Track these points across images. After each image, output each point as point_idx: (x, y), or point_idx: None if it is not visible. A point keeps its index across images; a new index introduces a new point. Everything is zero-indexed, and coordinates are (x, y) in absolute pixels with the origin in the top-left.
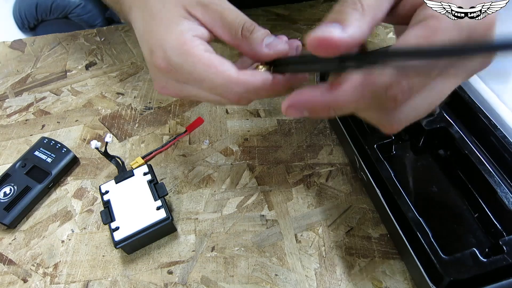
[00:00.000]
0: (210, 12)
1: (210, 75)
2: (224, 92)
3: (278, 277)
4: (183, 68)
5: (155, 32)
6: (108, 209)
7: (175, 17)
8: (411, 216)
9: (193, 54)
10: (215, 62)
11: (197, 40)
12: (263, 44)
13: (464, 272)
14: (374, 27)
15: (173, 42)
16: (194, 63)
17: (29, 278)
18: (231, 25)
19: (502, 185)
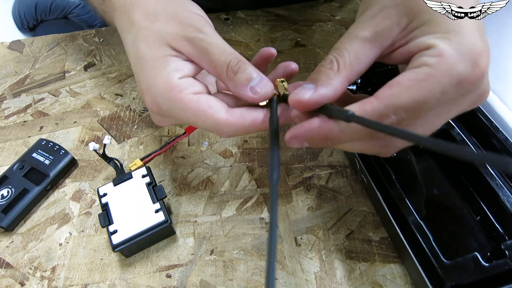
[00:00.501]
0: (195, 48)
1: (200, 119)
2: (215, 131)
3: (278, 281)
4: (173, 113)
5: (143, 76)
6: (106, 211)
7: (160, 58)
8: (412, 219)
9: (180, 100)
10: (204, 107)
11: (185, 82)
12: (247, 87)
13: (465, 277)
14: (353, 79)
15: (160, 88)
16: (182, 109)
17: (27, 281)
18: (216, 63)
19: (504, 188)
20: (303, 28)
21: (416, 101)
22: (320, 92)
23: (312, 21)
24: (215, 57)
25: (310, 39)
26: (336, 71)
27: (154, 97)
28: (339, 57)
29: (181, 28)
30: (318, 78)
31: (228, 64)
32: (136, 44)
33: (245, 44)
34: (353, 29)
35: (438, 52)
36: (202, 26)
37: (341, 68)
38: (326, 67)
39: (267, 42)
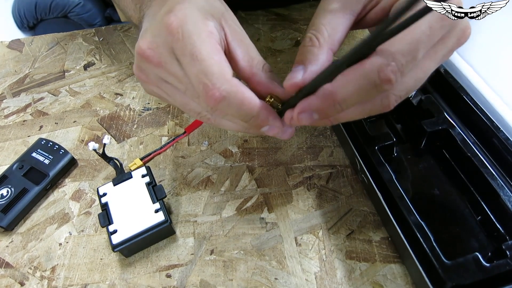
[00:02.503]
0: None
1: (211, 60)
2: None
3: (278, 281)
4: (190, 38)
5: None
6: (106, 211)
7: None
8: (413, 219)
9: (207, 35)
10: (221, 57)
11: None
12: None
13: (466, 277)
14: (336, 49)
15: (196, 16)
16: (203, 41)
17: (26, 281)
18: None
19: (505, 188)
20: (303, 27)
21: (409, 42)
22: (310, 70)
23: None
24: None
25: None
26: (318, 47)
27: (185, 15)
28: (317, 33)
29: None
30: (304, 58)
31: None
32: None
33: None
34: (323, 3)
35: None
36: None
37: (321, 42)
38: (308, 45)
39: (267, 41)
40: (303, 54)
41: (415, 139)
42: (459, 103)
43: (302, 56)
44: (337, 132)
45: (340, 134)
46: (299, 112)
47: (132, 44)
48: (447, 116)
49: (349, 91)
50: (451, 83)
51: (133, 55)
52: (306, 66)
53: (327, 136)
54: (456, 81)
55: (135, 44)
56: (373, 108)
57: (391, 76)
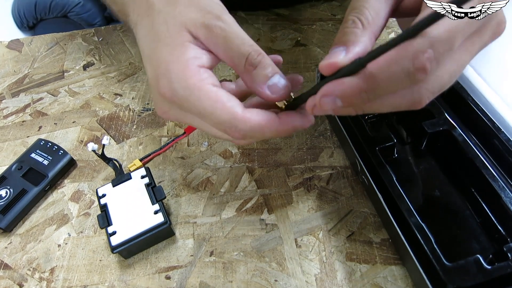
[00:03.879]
0: (213, 36)
1: (216, 111)
2: (229, 129)
3: (278, 282)
4: (188, 101)
5: (160, 59)
6: (105, 213)
7: (180, 43)
8: (414, 221)
9: (199, 88)
10: (223, 98)
11: (204, 72)
12: (265, 85)
13: (467, 280)
14: (377, 36)
15: (179, 73)
16: (200, 97)
17: (25, 283)
18: (234, 54)
19: (506, 189)
20: (304, 27)
21: (447, 30)
22: (354, 51)
23: (313, 20)
24: (234, 47)
25: (311, 39)
26: (362, 29)
27: (170, 82)
28: (360, 16)
29: (201, 15)
30: (346, 39)
31: (247, 56)
32: (155, 28)
33: None
34: None
35: None
36: (221, 13)
37: (365, 25)
38: (351, 27)
39: (268, 41)
40: (345, 35)
41: (416, 140)
42: (460, 104)
43: (344, 37)
44: (337, 133)
45: (340, 135)
46: (323, 96)
47: (131, 44)
48: (448, 117)
49: (378, 79)
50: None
51: (133, 55)
52: (349, 47)
53: (327, 137)
54: (457, 81)
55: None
56: (403, 102)
57: (427, 64)
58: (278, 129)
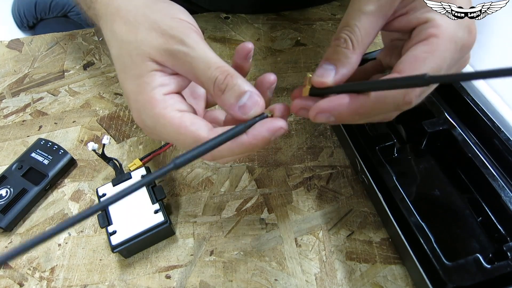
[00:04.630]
0: (178, 63)
1: (181, 136)
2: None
3: (278, 282)
4: (156, 129)
5: (129, 91)
6: (105, 212)
7: (145, 74)
8: (413, 220)
9: (163, 116)
10: (185, 123)
11: (170, 99)
12: (236, 106)
13: (467, 279)
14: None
15: (145, 104)
16: (165, 125)
17: (25, 282)
18: (202, 79)
19: (506, 189)
20: (304, 27)
21: (434, 69)
22: (341, 73)
23: (313, 20)
24: (200, 73)
25: (311, 38)
26: (352, 50)
27: (139, 113)
28: (351, 35)
29: (163, 41)
30: (336, 59)
31: (214, 81)
32: (120, 59)
33: None
34: (357, 3)
35: (438, 24)
36: (185, 36)
37: (355, 46)
38: (342, 47)
39: (267, 41)
40: (335, 54)
41: (416, 139)
42: (460, 104)
43: (334, 56)
44: (337, 132)
45: (340, 134)
46: (318, 112)
47: None
48: (447, 117)
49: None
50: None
51: None
52: (338, 68)
53: (327, 137)
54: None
55: None
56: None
57: (413, 100)
58: (247, 146)
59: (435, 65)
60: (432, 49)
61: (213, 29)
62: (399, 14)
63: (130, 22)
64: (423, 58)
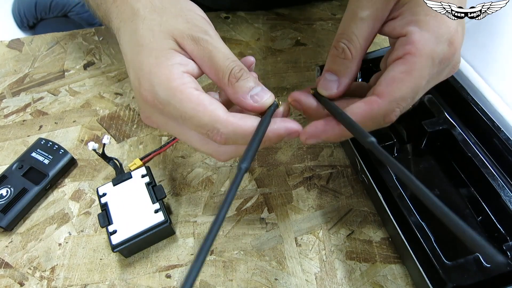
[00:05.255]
0: (199, 49)
1: (198, 113)
2: (210, 132)
3: (278, 281)
4: (170, 104)
5: (143, 63)
6: (105, 211)
7: (165, 50)
8: (413, 219)
9: (181, 91)
10: (205, 101)
11: (187, 77)
12: (248, 94)
13: (467, 278)
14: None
15: (161, 77)
16: (181, 100)
17: (26, 281)
18: (218, 68)
19: (505, 188)
20: (304, 26)
21: (413, 89)
22: (344, 83)
23: (313, 19)
24: (219, 62)
25: (311, 38)
26: (350, 59)
27: (153, 86)
28: (349, 45)
29: (189, 26)
30: (337, 69)
31: (231, 70)
32: (139, 33)
33: (245, 43)
34: (353, 8)
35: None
36: (207, 28)
37: (354, 55)
38: (341, 57)
39: (267, 41)
40: (336, 64)
41: (416, 139)
42: (460, 103)
43: (335, 66)
44: None
45: None
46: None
47: None
48: (447, 116)
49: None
50: (452, 83)
51: None
52: (340, 79)
53: None
54: (456, 81)
55: None
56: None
57: (394, 118)
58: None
59: (413, 85)
60: (408, 68)
61: None
62: (391, 18)
63: (157, 6)
64: (400, 79)
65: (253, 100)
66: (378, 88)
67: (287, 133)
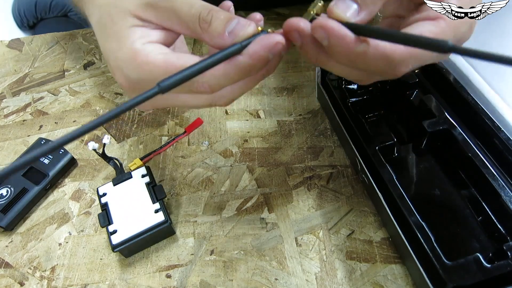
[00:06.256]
0: (161, 12)
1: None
2: (193, 87)
3: (278, 281)
4: (143, 80)
5: (109, 51)
6: (105, 211)
7: (124, 29)
8: (413, 219)
9: (146, 62)
10: (172, 60)
11: (149, 46)
12: (225, 33)
13: (467, 278)
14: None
15: (126, 58)
16: (150, 71)
17: (26, 281)
18: (186, 20)
19: (506, 188)
20: None
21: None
22: (362, 17)
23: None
24: (184, 13)
25: None
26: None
27: (121, 70)
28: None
29: None
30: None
31: (199, 16)
32: (100, 22)
33: None
34: None
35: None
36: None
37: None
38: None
39: None
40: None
41: (416, 139)
42: (460, 103)
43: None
44: (337, 132)
45: (340, 134)
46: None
47: None
48: (448, 116)
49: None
50: (452, 83)
51: None
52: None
53: (328, 136)
54: (457, 81)
55: None
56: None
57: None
58: (244, 67)
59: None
60: (437, 31)
61: None
62: None
63: None
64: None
65: (232, 37)
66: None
67: (266, 50)
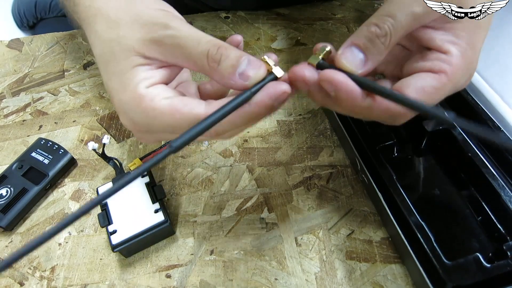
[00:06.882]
0: (167, 48)
1: (177, 121)
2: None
3: (278, 281)
4: (149, 125)
5: (113, 91)
6: (105, 211)
7: (127, 70)
8: (413, 219)
9: (152, 108)
10: (178, 106)
11: (153, 90)
12: (235, 74)
13: (467, 278)
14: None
15: (130, 102)
16: (156, 117)
17: (26, 281)
18: (193, 57)
19: (505, 188)
20: (304, 26)
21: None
22: (368, 68)
23: (313, 19)
24: (191, 50)
25: (311, 38)
26: (386, 46)
27: (126, 114)
28: (393, 30)
29: (146, 30)
30: (370, 50)
31: (207, 54)
32: (103, 58)
33: (245, 43)
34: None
35: (454, 63)
36: (168, 21)
37: (391, 44)
38: (381, 40)
39: (268, 40)
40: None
41: (416, 139)
42: (460, 103)
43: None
44: (337, 131)
45: (340, 134)
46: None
47: None
48: None
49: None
50: None
51: None
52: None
53: (327, 136)
54: None
55: None
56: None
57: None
58: (251, 115)
59: (434, 101)
60: (439, 86)
61: (213, 28)
62: (430, 26)
63: (112, 20)
64: (429, 93)
65: (243, 79)
66: (407, 90)
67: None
